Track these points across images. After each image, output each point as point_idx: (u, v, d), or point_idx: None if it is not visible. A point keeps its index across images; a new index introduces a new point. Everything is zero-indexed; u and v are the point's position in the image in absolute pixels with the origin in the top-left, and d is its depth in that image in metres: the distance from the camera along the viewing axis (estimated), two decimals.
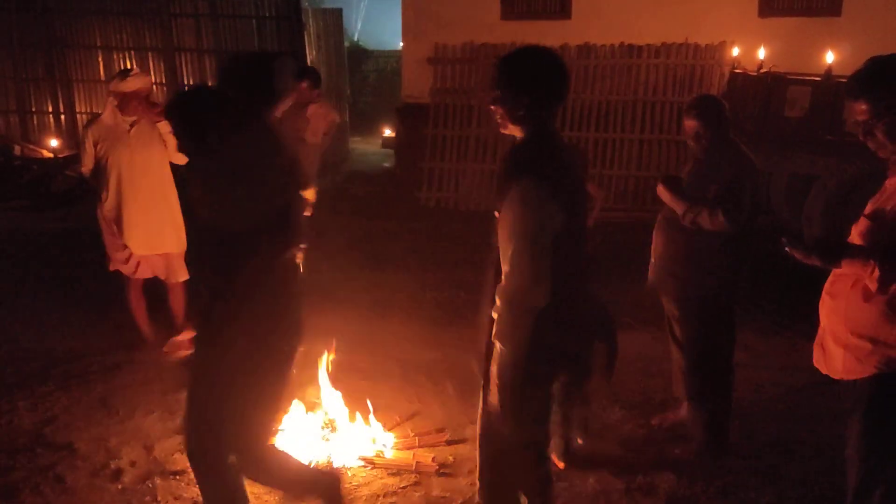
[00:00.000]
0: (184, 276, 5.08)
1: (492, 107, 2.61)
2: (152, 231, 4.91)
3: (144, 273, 5.01)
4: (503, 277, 2.51)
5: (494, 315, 2.56)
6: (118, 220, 4.86)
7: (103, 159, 4.83)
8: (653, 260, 3.95)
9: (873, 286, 2.34)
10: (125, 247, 4.90)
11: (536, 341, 2.52)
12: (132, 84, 4.74)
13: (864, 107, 2.43)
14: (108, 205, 4.86)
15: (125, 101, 4.75)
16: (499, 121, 2.62)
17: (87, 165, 4.91)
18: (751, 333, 5.23)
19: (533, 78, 2.54)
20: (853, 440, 2.55)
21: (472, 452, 3.87)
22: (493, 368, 2.60)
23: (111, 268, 5.01)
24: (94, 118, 5.07)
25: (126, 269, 4.97)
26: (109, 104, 4.84)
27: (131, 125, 4.81)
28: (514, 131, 2.61)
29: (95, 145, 4.82)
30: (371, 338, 5.33)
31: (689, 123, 3.73)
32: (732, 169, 3.61)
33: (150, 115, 4.77)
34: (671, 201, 3.73)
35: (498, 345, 2.56)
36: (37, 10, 11.73)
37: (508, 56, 2.60)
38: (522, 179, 2.46)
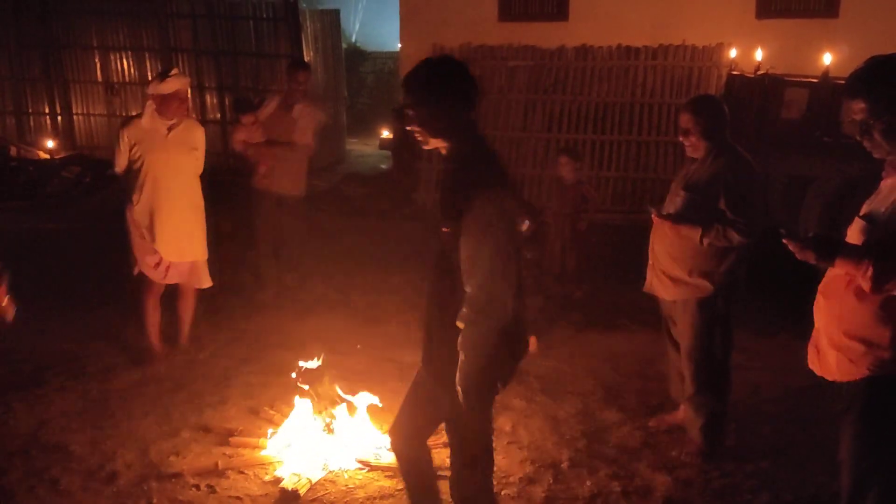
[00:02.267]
0: (206, 283, 5.02)
1: (409, 127, 2.59)
2: (184, 237, 4.83)
3: (172, 279, 4.91)
4: (472, 290, 2.47)
5: (460, 325, 2.51)
6: (150, 225, 4.74)
7: (138, 162, 4.71)
8: (650, 262, 3.95)
9: (867, 286, 2.34)
10: (155, 251, 4.77)
11: (500, 350, 2.53)
12: (172, 85, 4.63)
13: (862, 105, 2.42)
14: (140, 209, 4.74)
15: (165, 103, 4.64)
16: (420, 139, 2.60)
17: (120, 165, 4.78)
18: (747, 335, 5.22)
19: (440, 88, 2.52)
20: (846, 442, 2.55)
21: None
22: (458, 379, 2.55)
23: (136, 272, 4.86)
24: (129, 119, 4.92)
25: (155, 275, 4.83)
26: (149, 107, 4.72)
27: (169, 129, 4.72)
28: (438, 144, 2.59)
29: (131, 147, 4.70)
30: (367, 340, 5.32)
31: (682, 118, 3.72)
32: (734, 173, 3.60)
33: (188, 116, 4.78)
34: (682, 231, 3.69)
35: (462, 355, 2.52)
36: (34, 10, 11.72)
37: (412, 72, 2.59)
38: (487, 191, 2.45)
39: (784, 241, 2.40)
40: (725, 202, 3.57)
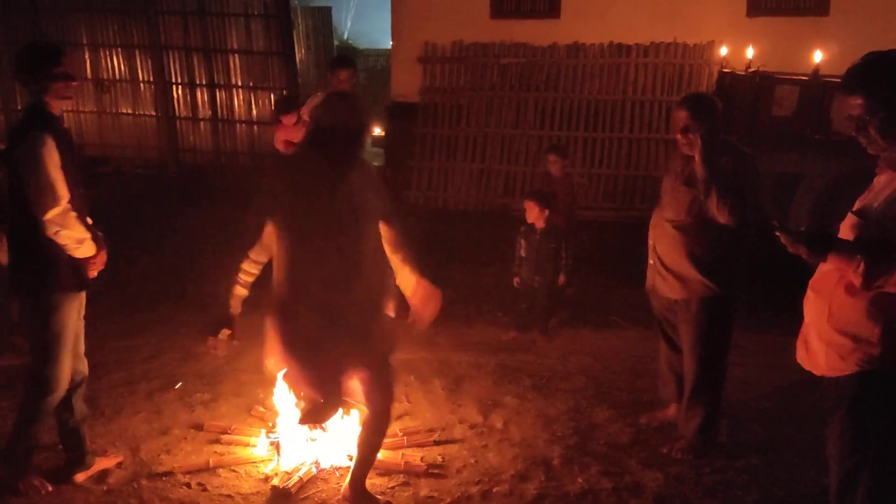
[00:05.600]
0: None
1: None
2: None
3: None
4: None
5: None
6: None
7: None
8: (650, 262, 3.92)
9: (858, 282, 2.34)
10: None
11: None
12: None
13: (858, 101, 2.41)
14: None
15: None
16: None
17: None
18: (738, 331, 5.19)
19: None
20: (834, 438, 2.55)
21: (461, 452, 3.89)
22: None
23: None
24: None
25: None
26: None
27: None
28: None
29: None
30: None
31: (680, 114, 3.70)
32: (734, 166, 3.60)
33: None
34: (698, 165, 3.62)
35: None
36: (24, 6, 11.64)
37: None
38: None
39: (777, 233, 2.40)
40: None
